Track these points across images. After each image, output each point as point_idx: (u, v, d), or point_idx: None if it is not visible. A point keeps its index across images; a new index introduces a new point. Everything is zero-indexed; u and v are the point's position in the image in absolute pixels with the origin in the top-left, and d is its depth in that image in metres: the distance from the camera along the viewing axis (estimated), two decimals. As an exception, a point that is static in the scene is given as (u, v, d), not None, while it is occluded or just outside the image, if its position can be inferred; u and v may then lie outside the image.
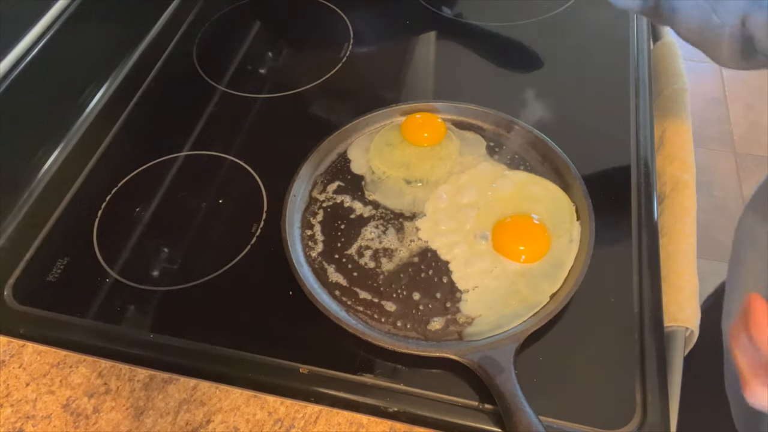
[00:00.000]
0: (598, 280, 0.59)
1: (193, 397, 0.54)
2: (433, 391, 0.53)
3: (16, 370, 0.56)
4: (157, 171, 0.72)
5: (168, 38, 0.88)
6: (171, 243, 0.65)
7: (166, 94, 0.81)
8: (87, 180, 0.71)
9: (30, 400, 0.54)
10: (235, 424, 0.52)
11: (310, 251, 0.62)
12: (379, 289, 0.59)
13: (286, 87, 0.80)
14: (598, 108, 0.76)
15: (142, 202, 0.68)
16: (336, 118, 0.73)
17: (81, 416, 0.53)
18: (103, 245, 0.65)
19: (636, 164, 0.69)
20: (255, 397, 0.54)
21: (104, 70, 0.82)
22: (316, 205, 0.66)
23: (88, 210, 0.68)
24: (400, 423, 0.52)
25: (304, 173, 0.67)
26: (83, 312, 0.60)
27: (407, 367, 0.54)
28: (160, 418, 0.53)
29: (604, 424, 0.50)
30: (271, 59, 0.85)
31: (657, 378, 0.52)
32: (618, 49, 0.81)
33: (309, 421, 0.52)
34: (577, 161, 0.65)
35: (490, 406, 0.52)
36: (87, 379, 0.55)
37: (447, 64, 0.83)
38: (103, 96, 0.80)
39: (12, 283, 0.62)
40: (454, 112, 0.72)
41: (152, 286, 0.62)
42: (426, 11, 0.88)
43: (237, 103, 0.79)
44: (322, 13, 0.90)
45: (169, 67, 0.85)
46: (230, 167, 0.71)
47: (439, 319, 0.57)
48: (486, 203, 0.64)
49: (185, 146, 0.74)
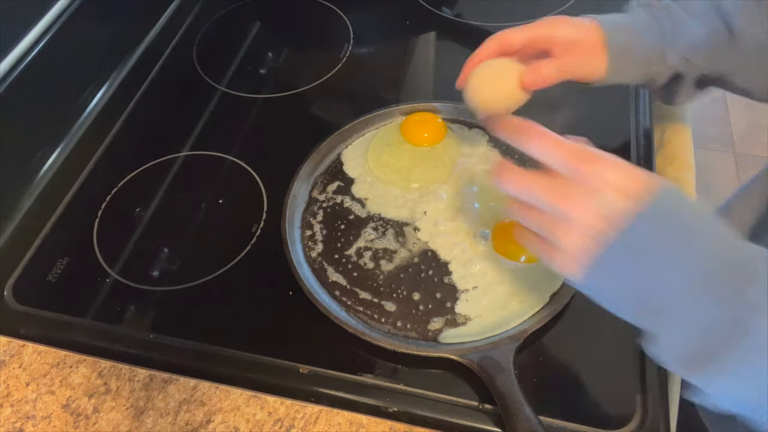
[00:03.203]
0: (598, 280, 0.59)
1: (193, 397, 0.54)
2: (433, 391, 0.53)
3: (16, 370, 0.56)
4: (157, 171, 0.72)
5: (168, 38, 0.88)
6: (171, 243, 0.65)
7: (166, 94, 0.81)
8: (87, 180, 0.71)
9: (30, 400, 0.54)
10: (235, 424, 0.52)
11: (310, 251, 0.62)
12: (379, 290, 0.59)
13: (286, 87, 0.80)
14: (598, 108, 0.75)
15: (142, 202, 0.68)
16: (336, 119, 0.73)
17: (81, 416, 0.53)
18: (103, 245, 0.65)
19: (636, 164, 0.69)
20: (255, 397, 0.54)
21: (104, 70, 0.82)
22: (316, 205, 0.66)
23: (88, 210, 0.68)
24: (400, 423, 0.52)
25: (304, 173, 0.67)
26: (83, 312, 0.60)
27: (407, 367, 0.54)
28: (160, 418, 0.53)
29: (604, 424, 0.50)
30: (271, 59, 0.85)
31: (657, 378, 0.52)
32: (618, 49, 0.81)
33: (309, 421, 0.52)
34: (577, 161, 0.65)
35: (490, 406, 0.51)
36: (87, 379, 0.55)
37: (447, 64, 0.83)
38: (103, 96, 0.80)
39: (12, 283, 0.62)
40: (454, 112, 0.72)
41: (152, 286, 0.62)
42: (426, 11, 0.88)
43: (237, 103, 0.79)
44: (322, 13, 0.90)
45: (169, 67, 0.85)
46: (230, 167, 0.71)
47: (439, 319, 0.57)
48: (486, 203, 0.64)
49: (185, 146, 0.74)
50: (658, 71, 0.60)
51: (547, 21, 0.57)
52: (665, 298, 0.38)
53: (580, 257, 0.40)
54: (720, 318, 0.36)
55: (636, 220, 0.38)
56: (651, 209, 0.38)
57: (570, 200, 0.40)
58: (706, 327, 0.36)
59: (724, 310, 0.36)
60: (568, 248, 0.41)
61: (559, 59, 0.57)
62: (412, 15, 0.88)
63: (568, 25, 0.57)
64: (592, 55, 0.58)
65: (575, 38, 0.57)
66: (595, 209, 0.39)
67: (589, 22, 0.58)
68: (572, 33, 0.57)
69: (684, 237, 0.38)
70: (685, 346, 0.37)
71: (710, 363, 0.36)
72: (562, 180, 0.42)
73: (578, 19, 0.58)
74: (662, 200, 0.38)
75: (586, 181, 0.40)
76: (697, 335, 0.36)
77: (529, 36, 0.57)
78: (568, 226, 0.40)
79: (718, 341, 0.35)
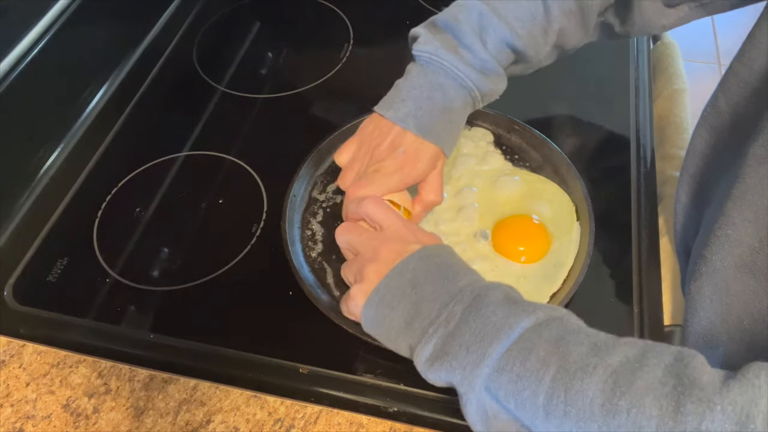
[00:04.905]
0: (598, 280, 0.59)
1: (193, 397, 0.54)
2: (433, 391, 0.53)
3: (16, 370, 0.56)
4: (157, 171, 0.72)
5: (168, 38, 0.88)
6: (171, 243, 0.65)
7: (166, 94, 0.81)
8: (87, 180, 0.71)
9: (30, 400, 0.54)
10: (235, 424, 0.52)
11: (310, 251, 0.62)
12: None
13: (286, 87, 0.80)
14: (598, 108, 0.76)
15: (142, 202, 0.68)
16: (336, 119, 0.73)
17: (81, 416, 0.53)
18: (103, 245, 0.65)
19: (636, 164, 0.69)
20: (255, 397, 0.54)
21: (104, 70, 0.82)
22: (316, 205, 0.66)
23: (88, 210, 0.68)
24: (400, 423, 0.52)
25: (304, 173, 0.67)
26: (83, 312, 0.60)
27: (407, 367, 0.54)
28: (160, 418, 0.53)
29: (604, 424, 0.50)
30: (271, 59, 0.85)
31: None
32: (618, 49, 0.81)
33: (309, 421, 0.52)
34: (577, 161, 0.65)
35: (490, 406, 0.51)
36: (87, 379, 0.55)
37: (447, 64, 0.83)
38: (103, 96, 0.80)
39: (12, 283, 0.62)
40: (454, 112, 0.72)
41: (152, 286, 0.62)
42: (426, 11, 0.88)
43: (237, 103, 0.79)
44: (322, 13, 0.90)
45: (169, 67, 0.85)
46: (230, 167, 0.71)
47: (439, 319, 0.57)
48: (486, 203, 0.64)
49: (185, 146, 0.74)
50: (474, 97, 0.59)
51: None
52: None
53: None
54: (433, 312, 0.44)
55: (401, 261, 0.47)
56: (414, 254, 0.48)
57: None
58: (425, 325, 0.44)
59: (436, 305, 0.45)
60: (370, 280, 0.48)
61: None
62: (412, 15, 0.88)
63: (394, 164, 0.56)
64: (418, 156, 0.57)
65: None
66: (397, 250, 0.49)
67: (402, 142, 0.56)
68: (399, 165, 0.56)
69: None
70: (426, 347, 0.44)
71: (439, 357, 0.43)
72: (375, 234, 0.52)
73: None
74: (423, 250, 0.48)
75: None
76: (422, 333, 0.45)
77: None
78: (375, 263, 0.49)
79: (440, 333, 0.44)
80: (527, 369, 0.39)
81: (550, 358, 0.39)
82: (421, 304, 0.45)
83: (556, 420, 0.37)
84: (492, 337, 0.41)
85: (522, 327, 0.41)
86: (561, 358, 0.39)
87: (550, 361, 0.39)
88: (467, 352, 0.42)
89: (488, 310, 0.43)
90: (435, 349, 0.43)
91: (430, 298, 0.45)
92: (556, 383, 0.38)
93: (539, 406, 0.38)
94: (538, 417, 0.38)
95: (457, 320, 0.43)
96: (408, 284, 0.46)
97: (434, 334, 0.44)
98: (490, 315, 0.43)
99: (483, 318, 0.43)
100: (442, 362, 0.43)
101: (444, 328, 0.43)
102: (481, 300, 0.44)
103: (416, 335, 0.45)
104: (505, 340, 0.41)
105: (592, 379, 0.37)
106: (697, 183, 0.57)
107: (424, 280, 0.46)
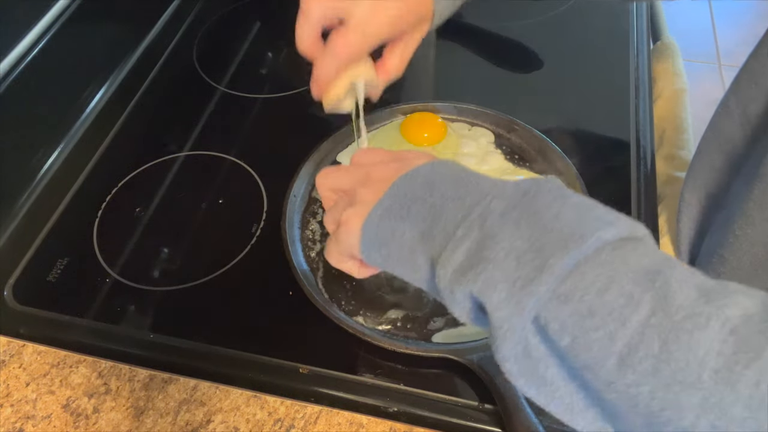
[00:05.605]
0: (598, 280, 0.59)
1: (193, 397, 0.54)
2: (433, 391, 0.53)
3: (16, 370, 0.56)
4: (157, 171, 0.72)
5: (168, 38, 0.88)
6: (171, 243, 0.65)
7: (166, 94, 0.81)
8: (87, 180, 0.71)
9: (30, 400, 0.54)
10: (235, 424, 0.52)
11: (310, 251, 0.62)
12: (379, 289, 0.59)
13: (286, 87, 0.80)
14: (598, 108, 0.76)
15: (142, 202, 0.68)
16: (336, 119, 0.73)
17: (81, 416, 0.53)
18: (103, 245, 0.65)
19: (636, 164, 0.69)
20: (255, 397, 0.54)
21: (104, 70, 0.82)
22: (316, 205, 0.66)
23: (88, 210, 0.68)
24: (400, 423, 0.52)
25: (304, 173, 0.67)
26: (83, 312, 0.60)
27: (407, 367, 0.54)
28: (160, 418, 0.53)
29: (604, 424, 0.50)
30: (271, 59, 0.85)
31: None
32: (618, 49, 0.81)
33: (309, 421, 0.52)
34: (577, 161, 0.65)
35: (490, 406, 0.51)
36: (87, 379, 0.55)
37: (447, 64, 0.83)
38: (103, 96, 0.80)
39: (12, 283, 0.62)
40: (454, 112, 0.72)
41: (152, 286, 0.62)
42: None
43: (237, 103, 0.79)
44: (322, 13, 0.90)
45: (169, 67, 0.85)
46: (230, 167, 0.71)
47: (439, 319, 0.57)
48: (486, 203, 0.64)
49: (185, 146, 0.74)
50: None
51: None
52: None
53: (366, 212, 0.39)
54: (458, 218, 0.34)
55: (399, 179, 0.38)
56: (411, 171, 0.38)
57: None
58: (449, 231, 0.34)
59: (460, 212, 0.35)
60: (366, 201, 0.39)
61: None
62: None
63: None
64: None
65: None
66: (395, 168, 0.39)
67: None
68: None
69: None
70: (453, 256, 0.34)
71: (473, 266, 0.33)
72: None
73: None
74: (424, 167, 0.38)
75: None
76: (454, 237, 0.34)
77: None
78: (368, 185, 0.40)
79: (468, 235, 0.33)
80: (605, 303, 0.29)
81: (642, 294, 0.29)
82: (443, 205, 0.35)
83: (634, 377, 0.28)
84: (554, 246, 0.31)
85: (598, 239, 0.31)
86: (659, 298, 0.29)
87: (642, 298, 0.29)
88: (517, 262, 0.31)
89: (544, 206, 0.33)
90: (469, 254, 0.33)
91: (455, 196, 0.35)
92: (649, 330, 0.28)
93: (613, 354, 0.29)
94: (603, 367, 0.29)
95: (496, 218, 0.33)
96: (421, 187, 0.36)
97: (465, 236, 0.33)
98: (549, 215, 0.32)
99: (538, 217, 0.32)
100: (478, 272, 0.32)
101: (479, 229, 0.33)
102: (533, 196, 0.33)
103: (439, 241, 0.34)
104: (575, 251, 0.30)
105: (705, 334, 0.27)
106: (706, 185, 0.57)
107: (441, 181, 0.36)
